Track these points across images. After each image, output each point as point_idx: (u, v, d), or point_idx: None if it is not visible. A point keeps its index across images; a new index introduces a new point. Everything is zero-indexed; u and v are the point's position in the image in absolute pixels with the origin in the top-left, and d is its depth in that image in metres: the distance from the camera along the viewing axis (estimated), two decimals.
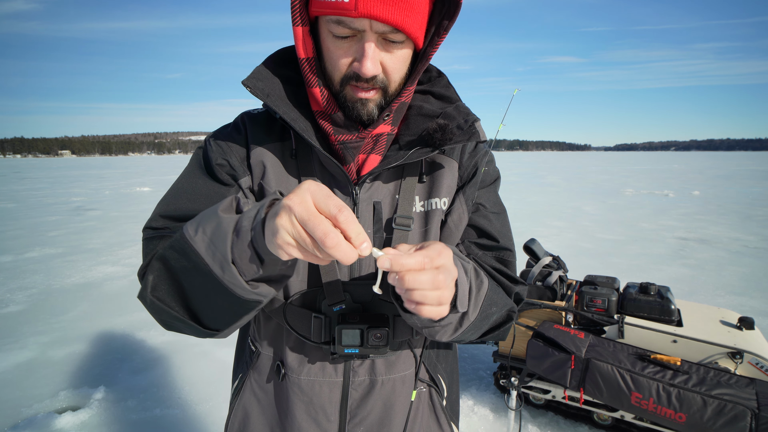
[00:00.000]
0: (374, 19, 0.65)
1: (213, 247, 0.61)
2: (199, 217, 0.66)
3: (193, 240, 0.63)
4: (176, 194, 0.80)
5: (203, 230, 0.63)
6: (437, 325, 0.69)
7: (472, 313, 0.72)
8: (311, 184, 0.54)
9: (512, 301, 0.85)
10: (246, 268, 0.61)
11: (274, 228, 0.54)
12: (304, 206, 0.52)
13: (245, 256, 0.60)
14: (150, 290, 0.68)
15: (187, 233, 0.64)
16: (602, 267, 6.13)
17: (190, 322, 0.69)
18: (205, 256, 0.62)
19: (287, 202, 0.53)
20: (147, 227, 0.79)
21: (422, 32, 0.72)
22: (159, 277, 0.68)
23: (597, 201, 14.12)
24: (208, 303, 0.67)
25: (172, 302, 0.68)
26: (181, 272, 0.66)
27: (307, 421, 0.83)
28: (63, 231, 9.09)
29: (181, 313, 0.69)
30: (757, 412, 1.92)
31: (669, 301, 2.61)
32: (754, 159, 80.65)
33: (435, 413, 0.90)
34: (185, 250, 0.64)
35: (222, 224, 0.61)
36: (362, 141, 0.77)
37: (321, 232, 0.50)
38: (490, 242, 0.86)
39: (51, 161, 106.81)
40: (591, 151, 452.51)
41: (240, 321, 0.70)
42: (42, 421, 2.79)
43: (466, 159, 0.86)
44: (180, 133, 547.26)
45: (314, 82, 0.75)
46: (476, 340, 0.83)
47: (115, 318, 4.46)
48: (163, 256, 0.68)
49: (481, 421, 2.88)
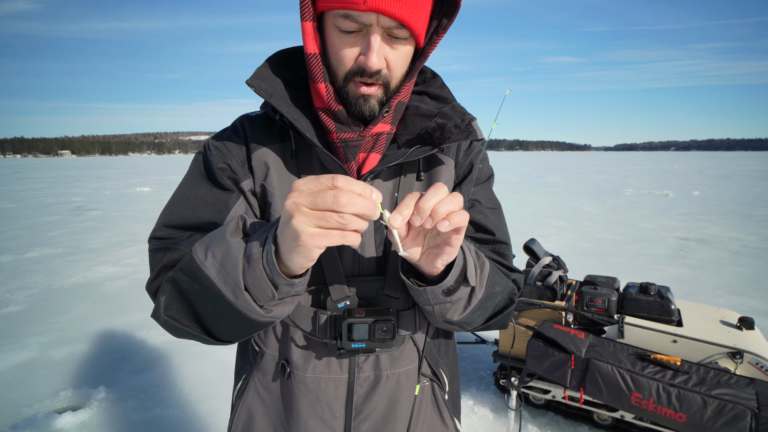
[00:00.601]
0: (382, 13, 0.66)
1: (224, 272, 0.63)
2: (207, 240, 0.67)
3: (204, 265, 0.65)
4: (178, 203, 0.80)
5: (213, 255, 0.64)
6: (448, 301, 0.72)
7: (479, 289, 0.74)
8: (299, 180, 0.56)
9: (512, 284, 0.87)
10: (260, 295, 0.63)
11: (292, 233, 0.55)
12: (305, 192, 0.54)
13: (259, 284, 0.62)
14: (163, 311, 0.70)
15: (197, 257, 0.66)
16: (602, 267, 6.13)
17: (203, 336, 0.72)
18: (217, 282, 0.64)
19: (288, 202, 0.55)
20: (152, 237, 0.80)
21: (424, 30, 0.74)
22: (171, 298, 0.70)
23: (597, 201, 14.13)
24: (221, 322, 0.69)
25: (185, 320, 0.71)
26: (192, 295, 0.68)
27: (313, 418, 0.83)
28: (63, 231, 9.10)
29: (195, 329, 0.71)
30: (757, 412, 1.92)
31: (669, 301, 2.61)
32: (754, 159, 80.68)
33: (438, 407, 0.91)
34: (196, 275, 0.66)
35: (231, 250, 0.63)
36: (363, 140, 0.79)
37: (331, 197, 0.52)
38: (486, 236, 0.89)
39: (51, 161, 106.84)
40: (591, 151, 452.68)
41: (254, 333, 0.73)
42: (42, 421, 2.79)
43: (461, 157, 0.89)
44: (180, 133, 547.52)
45: (320, 78, 0.75)
46: (482, 325, 0.84)
47: (115, 318, 4.46)
48: (173, 279, 0.70)
49: (481, 421, 2.88)
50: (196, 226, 0.78)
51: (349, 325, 0.76)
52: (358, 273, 0.82)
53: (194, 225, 0.78)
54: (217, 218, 0.78)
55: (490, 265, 0.79)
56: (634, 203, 13.67)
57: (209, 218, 0.78)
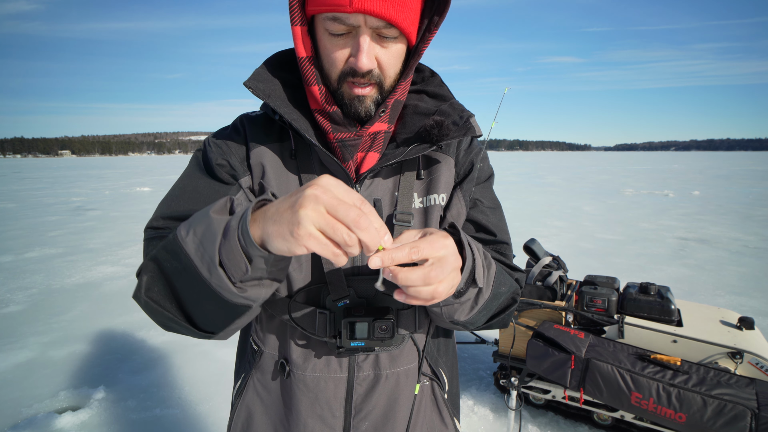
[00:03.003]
0: (368, 13, 0.66)
1: (202, 248, 0.61)
2: (192, 217, 0.65)
3: (184, 241, 0.62)
4: (177, 195, 0.80)
5: (194, 231, 0.62)
6: (457, 303, 0.72)
7: (486, 290, 0.74)
8: (329, 178, 0.55)
9: (516, 284, 0.87)
10: (234, 270, 0.59)
11: (296, 220, 0.52)
12: (332, 194, 0.53)
13: (233, 256, 0.58)
14: (144, 291, 0.67)
15: (179, 234, 0.63)
16: (602, 267, 6.13)
17: (184, 323, 0.69)
18: (194, 258, 0.61)
19: (311, 191, 0.53)
20: (148, 227, 0.79)
21: (415, 28, 0.74)
22: (152, 278, 0.67)
23: (597, 201, 14.12)
24: (199, 305, 0.66)
25: (166, 303, 0.67)
26: (172, 273, 0.66)
27: (312, 417, 0.83)
28: (63, 231, 9.10)
29: (175, 314, 0.68)
30: (757, 412, 1.92)
31: (669, 301, 2.61)
32: (754, 159, 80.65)
33: (437, 407, 0.91)
34: (176, 252, 0.63)
35: (212, 225, 0.60)
36: (360, 139, 0.79)
37: (354, 214, 0.52)
38: (487, 236, 0.89)
39: (51, 161, 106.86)
40: (591, 151, 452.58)
41: (234, 324, 0.69)
42: (42, 421, 2.79)
43: (462, 155, 0.89)
44: (180, 133, 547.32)
45: (313, 80, 0.76)
46: (484, 325, 0.84)
47: (115, 318, 4.46)
48: (156, 257, 0.67)
49: (481, 421, 2.88)
50: None
51: (349, 324, 0.76)
52: (357, 272, 0.82)
53: None
54: None
55: (496, 265, 0.79)
56: (634, 203, 13.66)
57: None
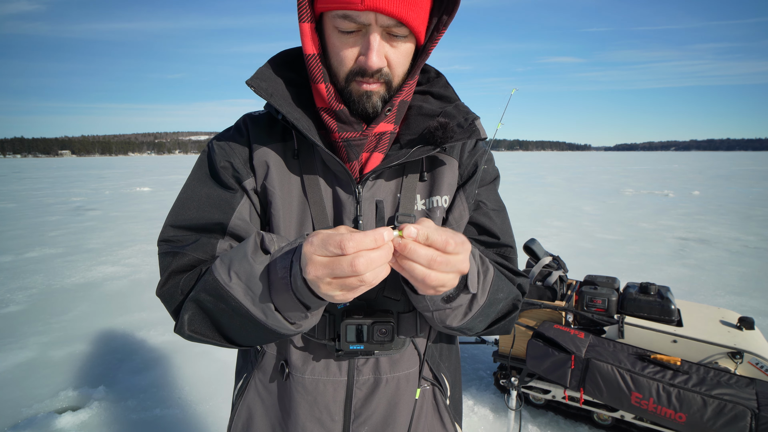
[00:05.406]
0: (380, 12, 0.66)
1: (251, 294, 0.66)
2: (228, 260, 0.69)
3: (229, 286, 0.67)
4: (184, 203, 0.81)
5: (237, 276, 0.67)
6: (448, 308, 0.71)
7: (480, 296, 0.73)
8: (303, 247, 0.57)
9: (516, 290, 0.86)
10: (292, 316, 0.66)
11: (322, 294, 0.59)
12: (317, 265, 0.55)
13: (290, 308, 0.65)
14: (187, 327, 0.72)
15: (220, 278, 0.68)
16: (602, 267, 6.13)
17: (226, 344, 0.74)
18: (245, 302, 0.66)
19: (309, 277, 0.57)
20: (161, 240, 0.80)
21: (424, 27, 0.74)
22: (194, 315, 0.72)
23: (597, 201, 14.12)
24: (247, 335, 0.71)
25: (209, 332, 0.73)
26: (218, 313, 0.70)
27: (311, 421, 0.82)
28: (63, 231, 9.09)
29: (220, 340, 0.73)
30: (757, 412, 1.92)
31: (669, 301, 2.61)
32: (754, 159, 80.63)
33: (438, 412, 0.90)
34: (222, 296, 0.68)
35: (254, 271, 0.65)
36: (365, 139, 0.78)
37: (347, 265, 0.53)
38: (491, 239, 0.87)
39: (51, 161, 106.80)
40: (591, 151, 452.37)
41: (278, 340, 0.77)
42: (42, 421, 2.79)
43: (465, 157, 0.87)
44: (180, 133, 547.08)
45: (320, 78, 0.76)
46: (484, 331, 0.83)
47: (115, 318, 4.46)
48: (197, 299, 0.71)
49: (481, 421, 2.88)
50: (201, 227, 0.78)
51: (347, 326, 0.75)
52: None
53: (200, 226, 0.78)
54: (223, 218, 0.78)
55: (495, 270, 0.78)
56: (634, 203, 13.66)
57: (215, 219, 0.78)
